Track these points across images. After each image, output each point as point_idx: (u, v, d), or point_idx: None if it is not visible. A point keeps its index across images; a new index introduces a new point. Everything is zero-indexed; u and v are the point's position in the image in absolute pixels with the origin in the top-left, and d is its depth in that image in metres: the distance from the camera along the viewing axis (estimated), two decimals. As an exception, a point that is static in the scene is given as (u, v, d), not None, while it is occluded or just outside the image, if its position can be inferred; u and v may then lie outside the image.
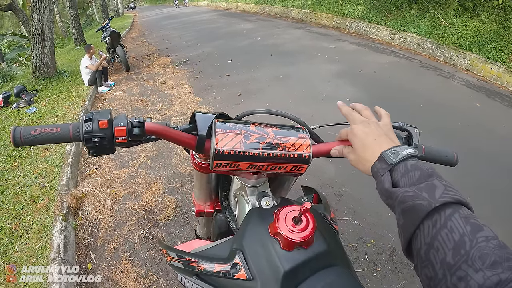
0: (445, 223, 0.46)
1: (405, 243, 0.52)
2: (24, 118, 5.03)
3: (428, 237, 0.47)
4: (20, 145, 0.66)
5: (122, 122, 0.68)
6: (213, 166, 0.72)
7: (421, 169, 0.55)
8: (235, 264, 0.72)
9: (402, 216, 0.52)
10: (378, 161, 0.61)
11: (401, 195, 0.53)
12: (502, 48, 7.80)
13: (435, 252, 0.45)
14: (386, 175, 0.59)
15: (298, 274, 0.67)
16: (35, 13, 6.69)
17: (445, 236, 0.45)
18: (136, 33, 15.92)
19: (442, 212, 0.47)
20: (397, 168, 0.58)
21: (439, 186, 0.50)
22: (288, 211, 0.72)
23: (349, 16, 12.93)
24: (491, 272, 0.39)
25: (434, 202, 0.48)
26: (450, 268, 0.43)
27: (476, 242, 0.42)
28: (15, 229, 2.73)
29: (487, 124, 5.09)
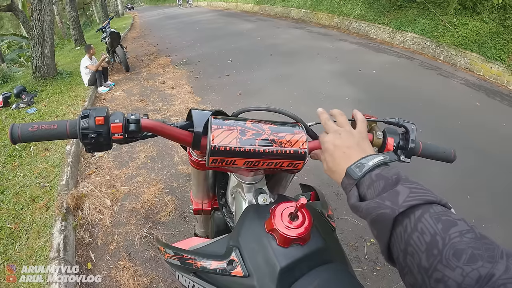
0: (415, 225, 0.45)
1: (385, 253, 0.51)
2: (24, 118, 5.04)
3: (402, 243, 0.46)
4: (18, 141, 0.67)
5: (118, 118, 0.68)
6: (209, 162, 0.72)
7: (385, 177, 0.55)
8: (232, 261, 0.72)
9: (373, 227, 0.52)
10: (346, 177, 0.61)
11: (364, 208, 0.52)
12: (502, 47, 7.80)
13: (411, 258, 0.44)
14: (352, 191, 0.58)
15: (295, 270, 0.67)
16: (35, 13, 6.69)
17: (416, 240, 0.44)
18: (136, 33, 15.92)
19: (411, 215, 0.46)
20: (362, 181, 0.57)
21: (403, 191, 0.49)
22: (284, 207, 0.72)
23: (348, 16, 12.92)
24: (469, 267, 0.37)
25: (398, 208, 0.47)
26: (427, 271, 0.41)
27: (448, 239, 0.41)
28: (15, 229, 2.73)
29: (487, 123, 5.09)
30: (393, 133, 0.84)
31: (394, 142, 0.83)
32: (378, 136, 0.83)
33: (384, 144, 0.83)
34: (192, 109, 0.77)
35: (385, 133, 0.84)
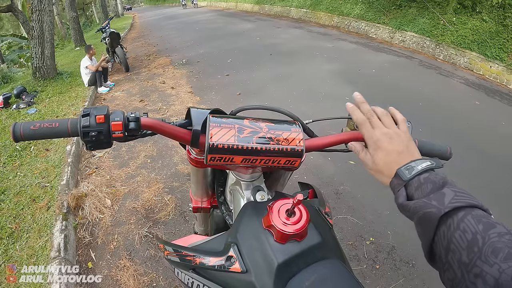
0: (458, 225, 0.48)
1: (426, 251, 0.54)
2: (24, 119, 5.05)
3: (445, 241, 0.49)
4: (20, 140, 0.68)
5: (118, 117, 0.69)
6: (207, 160, 0.73)
7: (433, 181, 0.57)
8: (230, 257, 0.73)
9: (419, 226, 0.55)
10: (395, 178, 0.64)
11: (412, 206, 0.56)
12: (501, 46, 7.80)
13: (452, 254, 0.47)
14: (401, 191, 0.61)
15: (292, 266, 0.68)
16: (35, 14, 6.70)
17: (458, 237, 0.47)
18: (135, 33, 15.92)
19: (454, 216, 0.49)
20: (411, 183, 0.60)
21: (448, 193, 0.53)
22: (281, 204, 0.73)
23: (348, 16, 12.93)
24: (506, 265, 0.40)
25: (443, 208, 0.50)
26: (466, 266, 0.44)
27: (488, 239, 0.44)
28: (15, 229, 2.74)
29: (487, 122, 5.10)
30: None
31: None
32: None
33: None
34: (191, 108, 0.78)
35: None
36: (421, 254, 1.99)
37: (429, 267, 1.92)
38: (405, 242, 2.70)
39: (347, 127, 0.89)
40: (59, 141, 4.05)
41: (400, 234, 2.78)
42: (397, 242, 2.72)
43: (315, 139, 0.85)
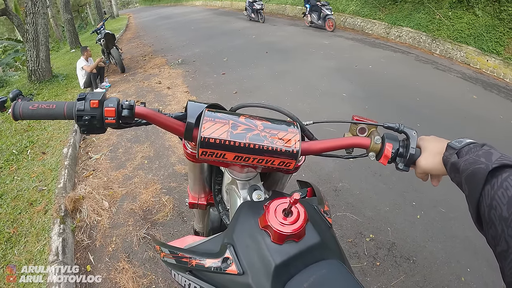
0: (502, 183, 0.51)
1: (474, 213, 0.56)
2: (20, 122, 5.02)
3: (488, 199, 0.52)
4: (19, 118, 0.72)
5: (112, 103, 0.71)
6: (199, 154, 0.73)
7: (480, 145, 0.64)
8: (226, 259, 0.72)
9: (467, 185, 0.58)
10: (446, 150, 0.70)
11: (462, 163, 0.60)
12: (497, 40, 7.80)
13: (494, 211, 0.50)
14: (453, 156, 0.67)
15: (290, 267, 0.67)
16: (29, 17, 6.68)
17: (501, 195, 0.50)
18: (131, 34, 15.88)
19: (499, 175, 0.52)
20: (462, 150, 0.66)
21: (495, 153, 0.58)
22: (278, 203, 0.72)
23: (344, 12, 12.91)
24: None
25: (491, 163, 0.54)
26: (506, 220, 0.47)
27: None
28: (13, 233, 2.73)
29: (485, 116, 5.10)
30: (392, 139, 0.80)
31: (392, 148, 0.79)
32: (376, 141, 0.80)
33: (382, 150, 0.80)
34: (189, 101, 0.78)
35: (384, 139, 0.80)
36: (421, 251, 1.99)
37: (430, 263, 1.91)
38: (405, 238, 2.70)
39: (349, 132, 0.87)
40: (55, 144, 4.04)
41: (400, 230, 2.78)
42: (397, 238, 2.71)
43: (314, 142, 0.83)
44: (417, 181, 3.00)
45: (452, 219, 2.93)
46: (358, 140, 0.82)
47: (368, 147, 0.81)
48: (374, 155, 0.82)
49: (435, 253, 2.59)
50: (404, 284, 2.35)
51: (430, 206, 3.06)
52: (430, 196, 3.17)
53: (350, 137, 0.84)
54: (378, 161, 0.82)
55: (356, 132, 0.86)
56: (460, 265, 2.51)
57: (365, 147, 0.82)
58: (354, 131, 0.86)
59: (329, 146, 0.82)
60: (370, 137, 0.83)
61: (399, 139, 0.81)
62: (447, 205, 3.06)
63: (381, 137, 0.81)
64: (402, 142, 0.80)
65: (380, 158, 0.81)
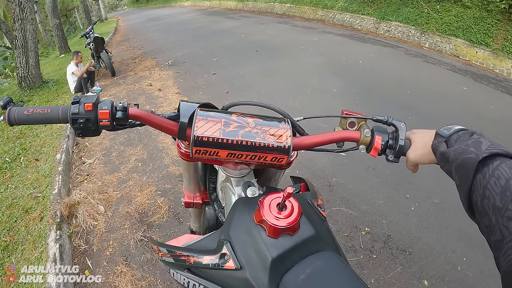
0: (493, 172, 0.50)
1: (465, 202, 0.56)
2: (12, 130, 4.97)
3: (481, 188, 0.51)
4: (14, 124, 0.71)
5: (106, 105, 0.72)
6: (193, 153, 0.74)
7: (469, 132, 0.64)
8: (223, 255, 0.73)
9: (457, 174, 0.58)
10: (435, 138, 0.70)
11: (452, 153, 0.60)
12: (486, 31, 7.87)
13: (487, 201, 0.50)
14: (442, 144, 0.67)
15: (286, 260, 0.69)
16: (17, 23, 6.62)
17: (493, 184, 0.49)
18: (120, 37, 15.79)
19: (490, 164, 0.52)
20: (450, 138, 0.66)
21: (485, 142, 0.57)
22: (272, 198, 0.73)
23: (332, 8, 12.95)
24: None
25: (481, 153, 0.54)
26: (500, 211, 0.46)
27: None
28: (10, 242, 2.71)
29: (475, 107, 5.16)
30: (382, 131, 0.82)
31: (382, 140, 0.81)
32: (366, 134, 0.82)
33: (372, 142, 0.82)
34: (181, 101, 0.79)
35: (374, 131, 0.82)
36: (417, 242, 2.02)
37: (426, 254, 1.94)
38: (400, 231, 2.72)
39: (339, 126, 0.89)
40: (48, 150, 4.02)
41: (395, 223, 2.81)
42: (392, 231, 2.74)
43: (305, 137, 0.84)
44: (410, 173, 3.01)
45: (446, 209, 2.96)
46: (348, 133, 0.84)
47: (358, 140, 0.83)
48: (364, 147, 0.84)
49: (431, 244, 2.62)
50: (401, 276, 2.38)
51: (423, 198, 3.10)
52: (424, 188, 3.20)
53: (340, 131, 0.86)
54: (368, 154, 0.83)
55: (346, 126, 0.87)
56: (456, 254, 2.54)
57: (355, 140, 0.84)
58: (344, 125, 0.87)
59: (320, 141, 0.83)
60: (360, 130, 0.84)
61: (388, 132, 0.83)
62: (440, 196, 3.10)
63: (370, 130, 0.83)
64: (391, 134, 0.82)
65: (370, 150, 0.82)
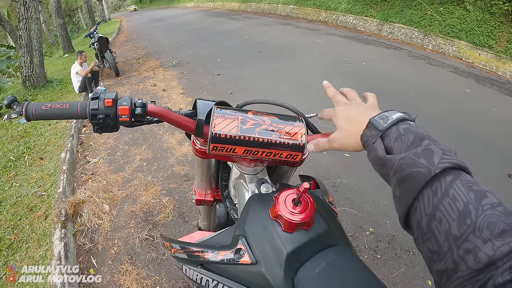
0: (447, 191, 0.43)
1: (403, 215, 0.49)
2: (16, 128, 5.00)
3: (429, 207, 0.44)
4: (32, 119, 0.72)
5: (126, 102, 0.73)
6: (210, 149, 0.75)
7: (414, 132, 0.52)
8: (239, 250, 0.74)
9: (399, 186, 0.49)
10: (367, 129, 0.58)
11: (397, 163, 0.49)
12: (489, 33, 7.88)
13: (437, 224, 0.42)
14: (377, 142, 0.55)
15: (301, 254, 0.70)
16: (22, 22, 6.64)
17: (447, 206, 0.42)
18: (124, 37, 15.83)
19: (442, 179, 0.44)
20: (388, 133, 0.54)
21: (436, 151, 0.47)
22: (287, 194, 0.74)
23: (335, 10, 12.97)
24: (500, 242, 0.36)
25: (434, 168, 0.45)
26: (456, 240, 0.40)
27: (482, 211, 0.40)
28: (14, 240, 2.72)
29: (478, 109, 5.16)
30: None
31: None
32: None
33: None
34: (197, 99, 0.81)
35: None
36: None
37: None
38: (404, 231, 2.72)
39: None
40: (53, 149, 4.03)
41: (399, 223, 2.80)
42: (396, 231, 2.74)
43: (318, 135, 0.85)
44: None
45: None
46: None
47: None
48: None
49: (435, 245, 2.61)
50: (405, 276, 2.38)
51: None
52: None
53: None
54: None
55: None
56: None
57: None
58: None
59: None
60: None
61: None
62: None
63: None
64: None
65: None
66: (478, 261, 0.37)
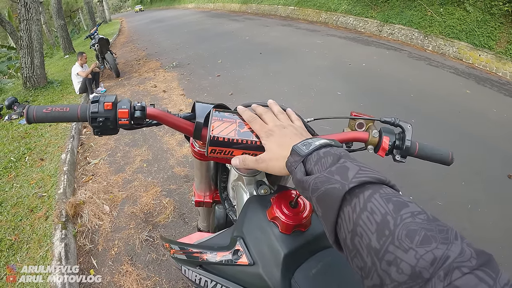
0: (365, 205, 0.42)
1: (331, 236, 0.48)
2: (17, 129, 5.01)
3: (350, 224, 0.43)
4: (33, 121, 0.72)
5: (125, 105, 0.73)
6: (208, 152, 0.76)
7: (333, 154, 0.53)
8: (237, 251, 0.75)
9: (319, 206, 0.48)
10: (291, 155, 0.59)
11: (312, 182, 0.50)
12: (489, 34, 7.89)
13: (359, 239, 0.41)
14: (299, 167, 0.56)
15: (298, 256, 0.70)
16: (23, 23, 6.65)
17: (366, 220, 0.41)
18: (124, 38, 15.85)
19: (360, 195, 0.43)
20: (309, 158, 0.55)
21: (352, 167, 0.47)
22: (284, 196, 0.75)
23: (336, 11, 12.98)
24: (423, 250, 0.35)
25: (348, 183, 0.44)
26: (377, 253, 0.38)
27: (400, 220, 0.38)
28: (15, 240, 2.73)
29: (478, 110, 5.16)
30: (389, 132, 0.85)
31: (389, 141, 0.83)
32: (374, 134, 0.84)
33: (380, 143, 0.84)
34: (196, 102, 0.81)
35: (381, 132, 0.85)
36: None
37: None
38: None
39: (348, 127, 0.91)
40: (53, 150, 4.04)
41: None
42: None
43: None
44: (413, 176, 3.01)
45: (449, 211, 2.96)
46: (357, 134, 0.86)
47: (367, 140, 0.85)
48: (372, 148, 0.85)
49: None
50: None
51: (427, 200, 3.09)
52: (427, 190, 3.20)
53: (350, 131, 0.87)
54: (376, 154, 0.85)
55: (355, 127, 0.89)
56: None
57: (364, 141, 0.85)
58: (353, 126, 0.89)
59: None
60: (368, 131, 0.86)
61: (395, 132, 0.85)
62: (443, 198, 3.09)
63: (378, 130, 0.85)
64: (398, 135, 0.84)
65: (378, 150, 0.84)
66: (401, 272, 0.35)
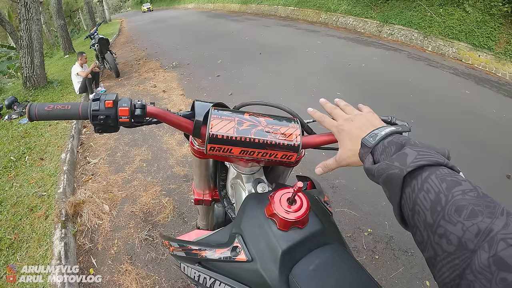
0: (422, 186, 0.46)
1: (397, 215, 0.53)
2: (17, 129, 5.01)
3: (410, 203, 0.48)
4: (35, 119, 0.73)
5: (125, 103, 0.75)
6: (207, 149, 0.77)
7: (395, 142, 0.57)
8: (235, 247, 0.76)
9: (385, 188, 0.54)
10: (361, 148, 0.64)
11: (376, 170, 0.55)
12: (489, 35, 7.90)
13: (417, 216, 0.46)
14: (367, 158, 0.61)
15: (295, 252, 0.71)
16: (23, 23, 6.65)
17: (422, 198, 0.45)
18: (124, 38, 15.85)
19: (419, 176, 0.48)
20: (376, 148, 0.60)
21: (410, 153, 0.51)
22: (282, 193, 0.76)
23: (335, 11, 12.99)
24: (470, 222, 0.39)
25: (405, 167, 0.49)
26: (431, 227, 0.43)
27: (452, 197, 0.42)
28: (15, 239, 2.73)
29: (478, 110, 5.16)
30: None
31: None
32: None
33: None
34: (196, 101, 0.83)
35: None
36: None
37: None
38: (403, 232, 2.73)
39: None
40: (53, 150, 4.05)
41: (397, 224, 2.80)
42: (395, 232, 2.76)
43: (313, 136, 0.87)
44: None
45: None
46: None
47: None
48: None
49: (433, 245, 2.62)
50: (403, 276, 2.39)
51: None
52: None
53: None
54: None
55: None
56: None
57: None
58: None
59: (327, 139, 0.85)
60: None
61: None
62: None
63: None
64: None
65: None
66: (450, 243, 0.40)
